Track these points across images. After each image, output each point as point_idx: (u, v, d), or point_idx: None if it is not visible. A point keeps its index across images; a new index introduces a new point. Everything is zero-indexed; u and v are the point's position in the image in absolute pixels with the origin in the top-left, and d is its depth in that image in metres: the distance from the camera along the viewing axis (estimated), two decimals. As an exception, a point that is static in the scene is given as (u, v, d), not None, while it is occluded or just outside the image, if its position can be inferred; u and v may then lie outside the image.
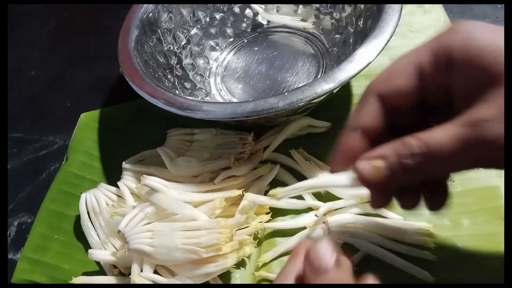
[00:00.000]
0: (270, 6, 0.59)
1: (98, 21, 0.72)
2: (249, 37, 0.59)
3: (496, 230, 0.38)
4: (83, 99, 0.61)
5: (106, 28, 0.70)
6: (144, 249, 0.37)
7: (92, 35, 0.71)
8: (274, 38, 0.58)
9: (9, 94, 0.64)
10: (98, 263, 0.43)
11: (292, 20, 0.58)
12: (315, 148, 0.46)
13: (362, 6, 0.49)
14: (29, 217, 0.50)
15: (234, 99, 0.53)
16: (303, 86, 0.39)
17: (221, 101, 0.53)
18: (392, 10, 0.42)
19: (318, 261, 0.23)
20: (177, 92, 0.50)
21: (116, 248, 0.42)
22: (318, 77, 0.52)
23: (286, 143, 0.46)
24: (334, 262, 0.23)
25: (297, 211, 0.42)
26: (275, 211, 0.42)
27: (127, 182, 0.44)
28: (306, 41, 0.56)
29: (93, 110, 0.55)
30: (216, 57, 0.58)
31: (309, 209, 0.42)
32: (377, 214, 0.40)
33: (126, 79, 0.45)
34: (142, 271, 0.38)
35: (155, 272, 0.39)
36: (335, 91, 0.40)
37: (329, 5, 0.55)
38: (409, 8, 0.56)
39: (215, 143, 0.46)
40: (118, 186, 0.44)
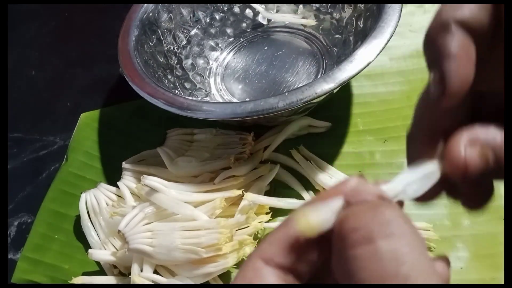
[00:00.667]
0: (270, 6, 0.59)
1: (98, 21, 0.72)
2: (249, 37, 0.59)
3: (496, 230, 0.38)
4: (83, 99, 0.61)
5: (106, 28, 0.70)
6: (144, 249, 0.37)
7: (92, 35, 0.71)
8: (274, 38, 0.58)
9: (9, 94, 0.64)
10: (98, 263, 0.43)
11: (294, 17, 0.58)
12: (315, 148, 0.46)
13: (362, 6, 0.49)
14: (29, 217, 0.50)
15: (234, 99, 0.53)
16: (303, 86, 0.39)
17: (221, 101, 0.53)
18: (392, 10, 0.42)
19: (358, 195, 0.17)
20: (177, 92, 0.50)
21: (116, 248, 0.42)
22: (318, 77, 0.52)
23: (286, 143, 0.46)
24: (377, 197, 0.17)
25: (297, 211, 0.42)
26: (275, 211, 0.42)
27: (127, 182, 0.44)
28: (306, 41, 0.56)
29: (93, 110, 0.55)
30: (216, 57, 0.58)
31: (309, 209, 0.42)
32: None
33: (126, 79, 0.45)
34: (142, 271, 0.38)
35: (155, 272, 0.39)
36: (335, 91, 0.40)
37: (329, 5, 0.55)
38: (409, 8, 0.56)
39: (215, 143, 0.46)
40: (118, 186, 0.44)
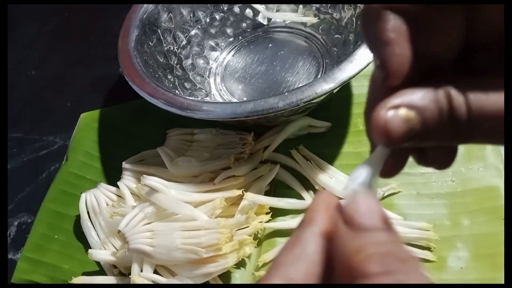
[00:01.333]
0: (270, 7, 0.59)
1: (98, 21, 0.72)
2: (249, 37, 0.59)
3: (496, 230, 0.38)
4: (83, 99, 0.61)
5: (106, 28, 0.70)
6: (144, 249, 0.37)
7: (92, 35, 0.71)
8: (274, 38, 0.58)
9: (9, 94, 0.64)
10: (98, 263, 0.43)
11: (295, 16, 0.58)
12: (315, 148, 0.46)
13: (362, 6, 0.49)
14: (29, 217, 0.50)
15: (234, 99, 0.53)
16: (303, 86, 0.39)
17: (221, 101, 0.53)
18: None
19: (359, 216, 0.16)
20: (177, 92, 0.50)
21: (116, 248, 0.42)
22: (318, 77, 0.52)
23: (286, 143, 0.46)
24: (381, 221, 0.16)
25: (297, 211, 0.42)
26: (275, 211, 0.42)
27: (127, 182, 0.44)
28: (306, 41, 0.56)
29: (93, 110, 0.55)
30: (216, 57, 0.58)
31: (309, 209, 0.42)
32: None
33: (126, 79, 0.45)
34: (142, 271, 0.38)
35: (155, 272, 0.39)
36: (335, 91, 0.40)
37: (329, 5, 0.55)
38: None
39: (215, 143, 0.46)
40: (118, 186, 0.44)
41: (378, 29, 0.18)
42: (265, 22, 0.60)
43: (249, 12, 0.59)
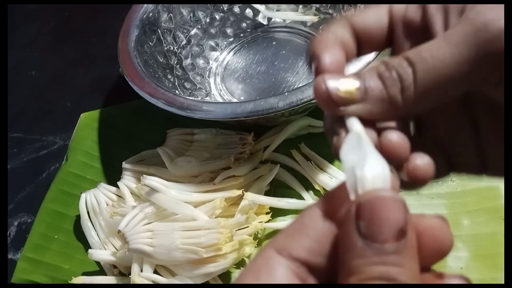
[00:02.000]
0: (270, 6, 0.59)
1: (98, 21, 0.72)
2: (249, 37, 0.59)
3: (496, 230, 0.38)
4: (83, 99, 0.61)
5: (106, 28, 0.70)
6: (144, 249, 0.37)
7: (92, 35, 0.71)
8: (274, 38, 0.58)
9: (9, 94, 0.64)
10: (98, 263, 0.43)
11: (296, 15, 0.57)
12: (315, 148, 0.46)
13: (362, 6, 0.49)
14: (29, 217, 0.50)
15: (234, 99, 0.53)
16: (303, 86, 0.39)
17: (221, 101, 0.53)
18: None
19: (377, 232, 0.14)
20: (177, 92, 0.50)
21: (116, 248, 0.42)
22: (318, 77, 0.52)
23: (286, 143, 0.46)
24: (399, 235, 0.14)
25: (297, 211, 0.42)
26: (275, 211, 0.42)
27: (127, 182, 0.44)
28: (306, 41, 0.56)
29: (93, 110, 0.55)
30: (216, 57, 0.58)
31: (309, 209, 0.42)
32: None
33: (126, 79, 0.45)
34: (142, 271, 0.38)
35: (155, 272, 0.39)
36: (335, 91, 0.40)
37: (329, 5, 0.55)
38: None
39: (215, 143, 0.46)
40: (118, 186, 0.44)
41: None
42: (265, 22, 0.60)
43: (249, 12, 0.59)
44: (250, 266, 0.16)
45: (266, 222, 0.41)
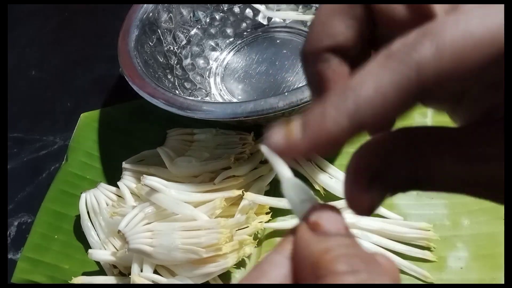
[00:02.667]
0: (270, 6, 0.59)
1: (98, 21, 0.72)
2: (249, 37, 0.59)
3: (496, 230, 0.38)
4: (83, 99, 0.61)
5: (106, 28, 0.70)
6: (144, 249, 0.37)
7: (92, 35, 0.71)
8: (274, 38, 0.58)
9: (9, 94, 0.64)
10: (98, 263, 0.43)
11: (296, 14, 0.57)
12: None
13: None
14: (29, 217, 0.50)
15: (234, 99, 0.53)
16: (303, 86, 0.39)
17: (221, 101, 0.53)
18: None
19: (325, 222, 0.16)
20: (177, 92, 0.50)
21: (116, 248, 0.42)
22: (318, 77, 0.52)
23: (286, 143, 0.46)
24: (344, 227, 0.16)
25: (297, 211, 0.42)
26: (275, 211, 0.42)
27: (127, 182, 0.44)
28: (306, 41, 0.56)
29: (93, 110, 0.55)
30: (216, 57, 0.58)
31: (309, 209, 0.42)
32: (377, 214, 0.40)
33: (126, 79, 0.45)
34: (142, 271, 0.38)
35: (155, 272, 0.39)
36: (335, 91, 0.40)
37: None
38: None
39: (215, 143, 0.46)
40: (118, 186, 0.44)
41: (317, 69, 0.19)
42: (265, 22, 0.60)
43: (249, 12, 0.59)
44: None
45: (266, 222, 0.41)
